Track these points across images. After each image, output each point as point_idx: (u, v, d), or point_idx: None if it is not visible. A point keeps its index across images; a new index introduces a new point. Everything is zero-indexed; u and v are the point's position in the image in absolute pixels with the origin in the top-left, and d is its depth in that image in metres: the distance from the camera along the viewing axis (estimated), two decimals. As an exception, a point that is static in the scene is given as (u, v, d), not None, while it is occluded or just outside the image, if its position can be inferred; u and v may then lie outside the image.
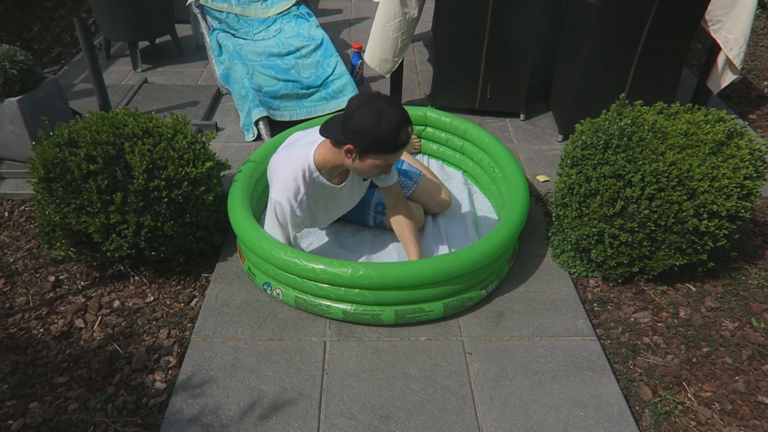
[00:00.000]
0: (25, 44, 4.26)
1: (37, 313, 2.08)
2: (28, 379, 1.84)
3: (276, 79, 3.27)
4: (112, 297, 2.15)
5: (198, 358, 1.88)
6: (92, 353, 1.93)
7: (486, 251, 1.99)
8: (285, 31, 3.85)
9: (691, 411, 1.77)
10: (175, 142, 2.11)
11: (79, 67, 3.86)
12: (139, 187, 1.99)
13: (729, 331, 2.04)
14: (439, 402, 1.75)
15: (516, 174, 2.35)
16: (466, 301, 2.04)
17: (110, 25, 3.76)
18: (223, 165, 2.28)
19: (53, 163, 1.99)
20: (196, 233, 2.19)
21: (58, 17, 4.79)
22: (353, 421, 1.70)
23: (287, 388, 1.79)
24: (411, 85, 3.70)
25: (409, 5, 2.94)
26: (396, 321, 1.98)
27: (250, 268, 2.16)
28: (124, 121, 2.14)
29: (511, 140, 3.15)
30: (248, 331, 1.98)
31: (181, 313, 2.08)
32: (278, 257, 1.96)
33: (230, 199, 2.20)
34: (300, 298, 2.02)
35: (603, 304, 2.14)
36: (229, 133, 3.15)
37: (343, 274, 1.91)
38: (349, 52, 3.90)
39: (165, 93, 3.50)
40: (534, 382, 1.82)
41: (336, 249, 2.33)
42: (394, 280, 1.91)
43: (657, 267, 2.09)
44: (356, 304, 1.97)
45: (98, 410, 1.74)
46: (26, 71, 2.54)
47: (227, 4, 3.83)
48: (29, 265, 2.30)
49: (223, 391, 1.77)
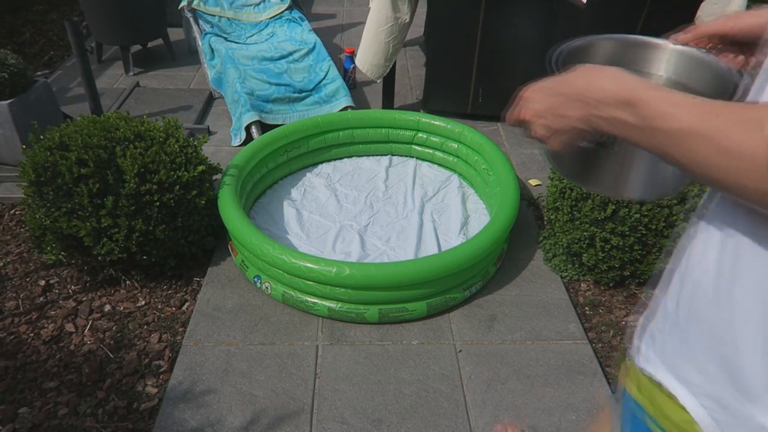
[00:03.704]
0: (16, 48, 4.24)
1: (27, 318, 2.07)
2: (17, 384, 1.83)
3: (268, 83, 3.27)
4: (103, 301, 2.14)
5: (190, 363, 1.87)
6: (83, 358, 1.92)
7: (470, 253, 2.01)
8: (277, 35, 3.86)
9: (682, 414, 1.78)
10: (166, 146, 2.11)
11: (73, 72, 3.84)
12: (130, 191, 1.98)
13: None
14: (431, 406, 1.75)
15: (507, 176, 2.36)
16: (449, 301, 2.06)
17: (102, 28, 3.75)
18: (215, 169, 2.28)
19: (44, 167, 1.97)
20: (187, 237, 2.18)
21: (49, 21, 4.77)
22: (345, 425, 1.69)
23: (279, 392, 1.78)
24: (403, 89, 3.71)
25: (401, 10, 2.95)
26: (380, 319, 2.00)
27: (243, 261, 2.19)
28: (115, 124, 2.13)
29: (503, 144, 3.16)
30: (240, 336, 1.98)
31: (172, 317, 2.07)
32: (267, 253, 1.98)
33: (221, 195, 2.23)
34: (287, 294, 2.05)
35: (595, 308, 2.15)
36: (222, 137, 3.15)
37: (327, 273, 1.93)
38: (341, 56, 3.90)
39: (157, 97, 3.49)
40: (526, 386, 1.82)
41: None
42: (377, 280, 1.94)
43: (648, 271, 2.11)
44: (341, 302, 1.99)
45: (88, 415, 1.73)
46: (17, 75, 2.52)
47: (219, 8, 3.83)
48: (19, 269, 2.29)
49: (214, 396, 1.76)
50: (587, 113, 0.66)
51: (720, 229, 0.62)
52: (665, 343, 0.70)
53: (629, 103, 0.61)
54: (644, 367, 0.74)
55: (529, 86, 0.76)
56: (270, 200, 2.63)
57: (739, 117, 0.53)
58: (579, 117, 0.68)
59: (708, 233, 0.65)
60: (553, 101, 0.71)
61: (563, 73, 0.71)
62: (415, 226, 2.44)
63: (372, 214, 2.54)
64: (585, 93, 0.66)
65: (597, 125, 0.66)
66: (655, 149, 0.60)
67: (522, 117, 0.77)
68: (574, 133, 0.71)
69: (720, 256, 0.62)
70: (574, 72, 0.69)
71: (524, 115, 0.76)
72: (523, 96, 0.76)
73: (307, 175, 2.81)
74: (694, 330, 0.66)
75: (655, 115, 0.58)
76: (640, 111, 0.60)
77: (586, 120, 0.67)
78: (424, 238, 2.39)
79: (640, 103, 0.60)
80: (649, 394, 0.74)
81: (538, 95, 0.74)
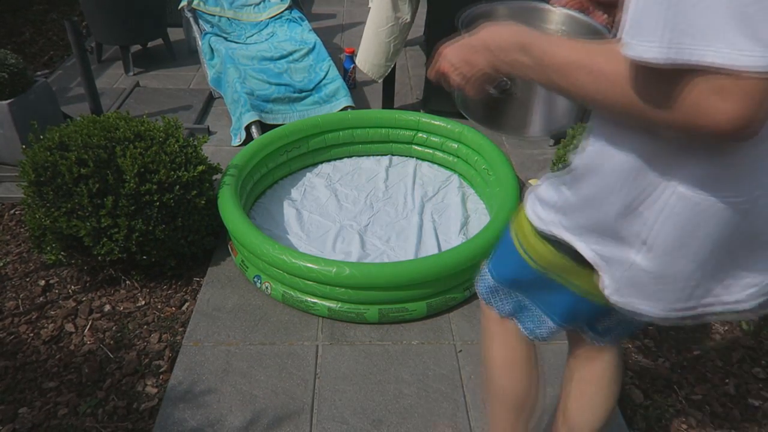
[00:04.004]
0: (16, 48, 4.24)
1: (26, 318, 2.07)
2: (17, 384, 1.83)
3: (268, 83, 3.27)
4: (102, 301, 2.13)
5: (190, 363, 1.87)
6: (82, 358, 1.92)
7: (470, 253, 2.01)
8: (277, 35, 3.86)
9: (682, 414, 1.78)
10: (166, 146, 2.11)
11: (73, 72, 3.84)
12: (130, 191, 1.98)
13: (719, 334, 2.06)
14: (431, 406, 1.75)
15: (507, 177, 2.36)
16: (449, 301, 2.06)
17: (102, 28, 3.75)
18: (215, 169, 2.28)
19: (44, 167, 1.97)
20: (187, 237, 2.18)
21: (49, 21, 4.77)
22: (345, 425, 1.69)
23: (279, 392, 1.78)
24: (403, 89, 3.71)
25: (401, 10, 2.95)
26: (380, 319, 2.00)
27: (243, 261, 2.19)
28: (115, 124, 2.13)
29: (503, 144, 3.16)
30: (240, 336, 1.98)
31: (172, 317, 2.07)
32: (267, 253, 1.98)
33: (221, 195, 2.22)
34: (287, 294, 2.04)
35: (595, 308, 2.15)
36: (221, 137, 3.15)
37: (327, 273, 1.93)
38: (341, 56, 3.90)
39: (157, 97, 3.49)
40: (526, 386, 1.82)
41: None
42: (377, 280, 1.94)
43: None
44: (341, 302, 1.99)
45: (88, 415, 1.73)
46: (17, 75, 2.52)
47: (219, 8, 3.83)
48: (19, 269, 2.29)
49: (214, 396, 1.76)
50: (493, 59, 0.83)
51: (596, 137, 0.84)
52: (565, 213, 0.92)
53: (524, 47, 0.78)
54: (543, 229, 0.97)
55: (445, 44, 0.92)
56: (270, 200, 2.63)
57: (603, 49, 0.70)
58: (486, 63, 0.85)
59: (590, 140, 0.85)
60: (465, 53, 0.87)
61: (472, 32, 0.86)
62: (415, 226, 2.44)
63: (372, 214, 2.54)
64: (489, 43, 0.83)
65: (501, 68, 0.84)
66: (547, 82, 0.78)
67: (441, 70, 0.93)
68: (484, 78, 0.88)
69: (596, 150, 0.84)
70: (480, 29, 0.85)
71: (443, 68, 0.92)
72: (440, 53, 0.92)
73: (307, 175, 2.81)
74: (583, 201, 0.88)
75: (544, 54, 0.75)
76: (532, 52, 0.77)
77: (492, 65, 0.84)
78: (424, 238, 2.39)
79: (532, 46, 0.77)
80: (522, 230, 1.03)
81: (453, 51, 0.90)
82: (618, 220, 0.83)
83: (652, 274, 0.84)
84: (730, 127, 0.61)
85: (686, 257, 0.80)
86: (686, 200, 0.75)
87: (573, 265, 0.95)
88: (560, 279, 1.01)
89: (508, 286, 1.14)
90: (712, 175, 0.73)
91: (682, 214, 0.77)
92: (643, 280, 0.85)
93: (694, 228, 0.77)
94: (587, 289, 0.97)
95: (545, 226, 0.96)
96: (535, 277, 1.04)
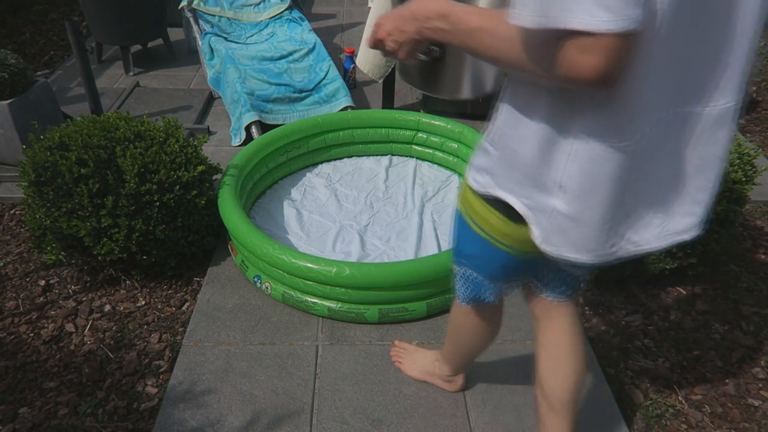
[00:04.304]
0: (16, 48, 4.24)
1: (26, 318, 2.07)
2: (17, 384, 1.83)
3: (268, 83, 3.27)
4: (103, 301, 2.14)
5: (190, 363, 1.87)
6: (83, 358, 1.92)
7: None
8: (277, 35, 3.86)
9: (682, 414, 1.78)
10: (166, 146, 2.11)
11: (73, 72, 3.84)
12: (130, 191, 1.99)
13: (719, 334, 2.06)
14: (431, 406, 1.75)
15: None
16: (449, 301, 2.05)
17: (102, 28, 3.75)
18: (215, 169, 2.28)
19: (44, 167, 1.98)
20: (187, 237, 2.18)
21: (49, 21, 4.78)
22: (345, 425, 1.69)
23: (279, 392, 1.78)
24: (403, 89, 3.71)
25: (401, 10, 2.95)
26: (380, 319, 2.00)
27: (243, 261, 2.19)
28: (115, 124, 2.13)
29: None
30: (240, 336, 1.98)
31: (172, 317, 2.07)
32: (267, 253, 1.98)
33: (221, 195, 2.22)
34: (287, 294, 2.04)
35: (594, 308, 2.15)
36: (221, 137, 3.15)
37: (327, 273, 1.93)
38: (341, 56, 3.90)
39: (157, 97, 3.49)
40: (526, 386, 1.82)
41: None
42: (377, 280, 1.93)
43: (648, 271, 2.11)
44: (341, 302, 1.99)
45: (88, 415, 1.73)
46: (17, 74, 2.53)
47: (219, 8, 3.83)
48: (19, 269, 2.29)
49: (214, 396, 1.76)
50: (419, 26, 0.97)
51: (508, 100, 1.00)
52: (495, 172, 1.05)
53: (443, 15, 0.92)
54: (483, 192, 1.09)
55: (382, 15, 1.05)
56: (270, 200, 2.63)
57: (500, 14, 0.84)
58: (414, 30, 0.98)
59: (503, 102, 1.01)
60: (397, 22, 1.01)
61: (405, 3, 1.00)
62: (415, 226, 2.44)
63: (372, 214, 2.54)
64: (416, 13, 0.97)
65: (426, 35, 0.98)
66: (463, 46, 0.91)
67: (378, 38, 1.05)
68: (413, 45, 1.02)
69: (510, 111, 0.99)
70: (410, 1, 0.99)
71: (379, 36, 1.04)
72: (377, 23, 1.04)
73: (307, 175, 2.82)
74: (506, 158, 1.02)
75: (459, 21, 0.90)
76: (450, 19, 0.91)
77: (419, 32, 0.98)
78: (424, 238, 2.40)
79: (450, 14, 0.91)
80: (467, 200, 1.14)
81: (388, 20, 1.03)
82: (538, 169, 0.96)
83: (571, 218, 0.97)
84: (595, 76, 0.75)
85: (596, 200, 0.95)
86: (585, 146, 0.90)
87: (513, 227, 1.07)
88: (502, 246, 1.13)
89: (470, 265, 1.26)
90: (601, 125, 0.88)
91: (584, 158, 0.91)
92: (565, 225, 0.99)
93: (596, 171, 0.92)
94: (523, 249, 1.10)
95: (483, 189, 1.08)
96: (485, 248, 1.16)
